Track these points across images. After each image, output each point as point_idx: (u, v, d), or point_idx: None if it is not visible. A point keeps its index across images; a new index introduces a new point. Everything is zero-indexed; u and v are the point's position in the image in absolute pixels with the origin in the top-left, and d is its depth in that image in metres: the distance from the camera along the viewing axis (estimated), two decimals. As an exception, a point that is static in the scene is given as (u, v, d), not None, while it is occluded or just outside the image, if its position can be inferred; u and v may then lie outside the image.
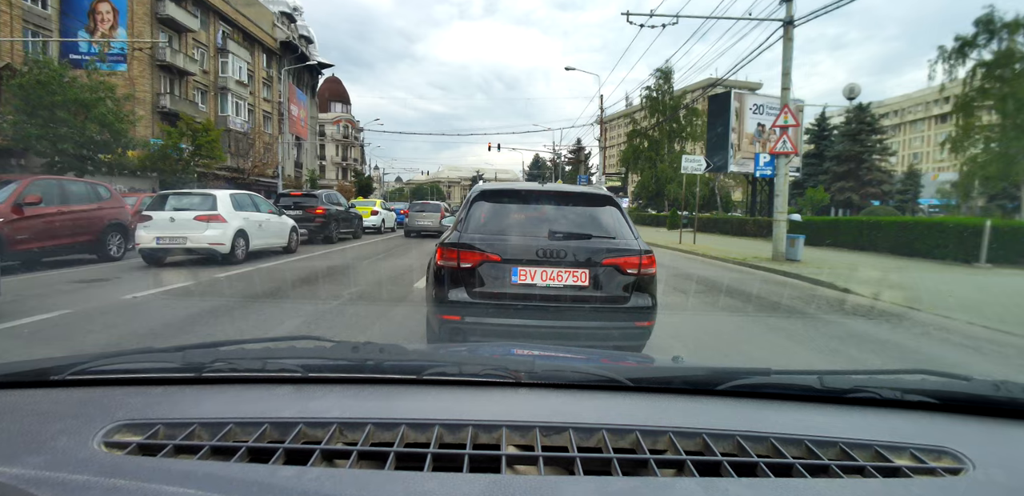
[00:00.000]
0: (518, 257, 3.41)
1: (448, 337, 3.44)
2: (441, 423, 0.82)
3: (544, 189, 3.89)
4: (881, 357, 4.55)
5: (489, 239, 3.46)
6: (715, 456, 0.77)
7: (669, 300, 6.65)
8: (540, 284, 3.40)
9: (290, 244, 11.75)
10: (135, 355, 1.09)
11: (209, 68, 34.04)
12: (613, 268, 3.44)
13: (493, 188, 3.95)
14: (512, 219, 3.68)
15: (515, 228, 3.59)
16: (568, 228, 3.53)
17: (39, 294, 6.35)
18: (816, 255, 13.44)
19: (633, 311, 3.45)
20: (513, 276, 3.39)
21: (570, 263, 3.41)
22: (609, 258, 3.44)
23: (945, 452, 0.80)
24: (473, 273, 3.40)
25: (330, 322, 5.14)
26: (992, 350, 4.99)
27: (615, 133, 78.05)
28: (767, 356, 4.47)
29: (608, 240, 3.52)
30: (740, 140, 25.94)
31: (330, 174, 67.19)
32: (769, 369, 1.02)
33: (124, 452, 0.74)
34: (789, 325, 5.80)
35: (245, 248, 9.73)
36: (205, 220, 9.07)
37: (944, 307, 6.93)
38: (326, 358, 1.07)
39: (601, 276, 3.43)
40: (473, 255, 3.40)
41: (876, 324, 6.03)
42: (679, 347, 4.59)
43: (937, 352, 4.84)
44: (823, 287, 8.77)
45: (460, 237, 3.47)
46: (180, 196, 9.67)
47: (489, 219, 3.65)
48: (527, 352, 1.35)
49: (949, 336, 5.51)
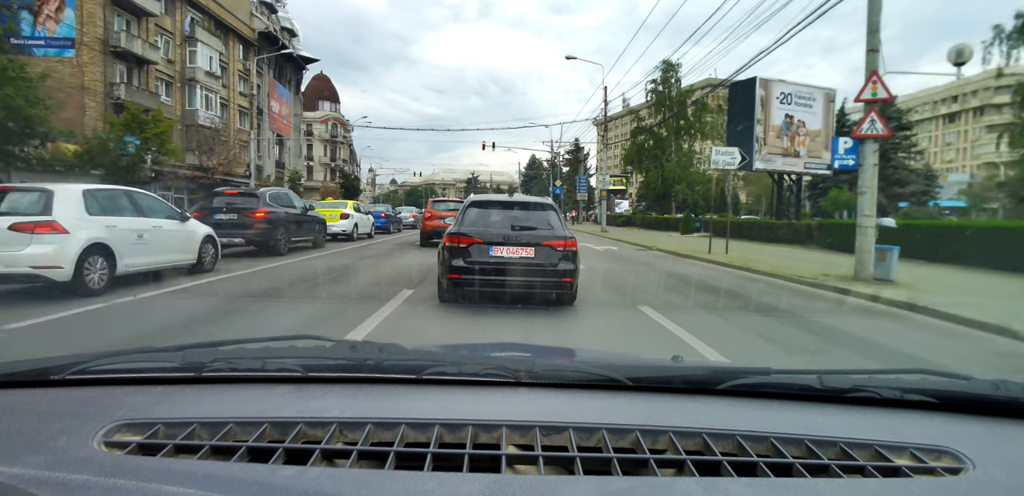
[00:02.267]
0: (493, 240, 5.89)
1: (451, 288, 6.01)
2: (441, 423, 0.83)
3: (510, 200, 6.60)
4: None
5: (476, 229, 5.99)
6: (715, 456, 0.78)
7: (757, 356, 4.54)
8: (505, 256, 5.85)
9: (202, 260, 8.51)
10: (135, 355, 1.09)
11: (175, 57, 31.03)
12: (549, 247, 5.87)
13: (479, 199, 6.73)
14: (490, 218, 6.23)
15: (491, 223, 6.14)
16: (522, 223, 6.07)
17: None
18: (911, 273, 10.11)
19: (560, 272, 5.83)
20: (490, 251, 5.87)
21: (523, 244, 5.88)
22: (546, 241, 5.89)
23: (945, 452, 0.81)
24: (467, 249, 5.85)
25: None
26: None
27: (615, 132, 75.17)
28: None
29: (546, 230, 6.04)
30: (766, 133, 22.88)
31: (318, 175, 64.25)
32: (769, 369, 1.03)
33: (124, 452, 0.75)
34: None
35: (108, 272, 6.52)
36: (28, 230, 5.79)
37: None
38: (326, 358, 1.08)
39: (541, 251, 5.86)
40: (466, 239, 5.88)
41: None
42: None
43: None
44: (984, 331, 5.79)
45: (459, 228, 6.01)
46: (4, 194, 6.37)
47: (476, 218, 6.22)
48: (526, 354, 1.37)
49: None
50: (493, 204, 6.44)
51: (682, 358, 1.27)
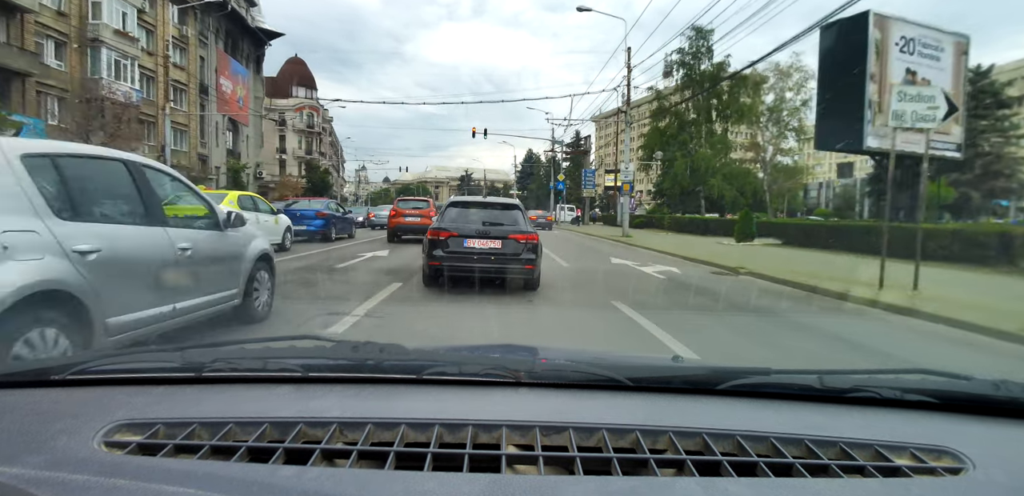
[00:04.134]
0: (467, 234, 6.91)
1: (432, 274, 7.04)
2: (441, 423, 0.83)
3: (484, 201, 7.74)
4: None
5: (454, 225, 7.04)
6: (715, 456, 0.77)
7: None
8: (477, 247, 6.87)
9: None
10: (135, 355, 1.10)
11: (70, 9, 23.31)
12: (513, 240, 6.88)
13: (458, 199, 7.79)
14: (467, 215, 7.26)
15: (467, 220, 7.16)
16: (492, 220, 7.12)
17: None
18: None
19: (523, 260, 6.84)
20: (464, 243, 6.88)
21: (492, 237, 6.89)
22: (511, 234, 6.91)
23: (945, 452, 0.80)
24: (446, 241, 6.87)
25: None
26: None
27: (612, 131, 67.40)
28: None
29: (512, 226, 7.07)
30: (883, 96, 15.54)
31: (292, 168, 57.27)
32: (769, 369, 1.02)
33: (124, 452, 0.75)
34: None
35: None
36: None
37: None
38: (326, 358, 1.08)
39: (507, 243, 6.88)
40: (445, 233, 6.90)
41: None
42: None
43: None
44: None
45: (440, 224, 7.10)
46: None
47: (455, 215, 7.26)
48: (526, 355, 1.35)
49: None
50: (470, 204, 7.62)
51: (682, 358, 1.28)
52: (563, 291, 7.65)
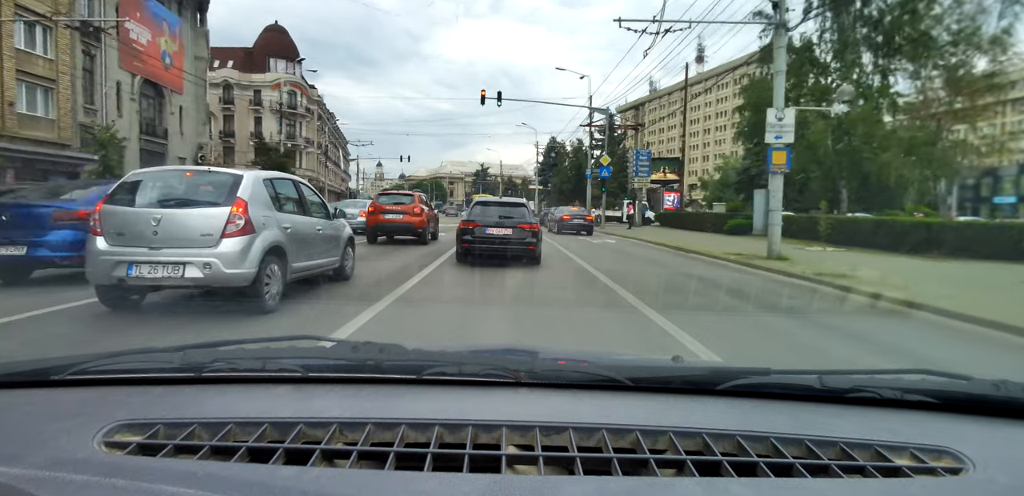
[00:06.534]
0: (488, 224, 10.17)
1: (463, 252, 10.22)
2: (441, 423, 0.82)
3: (500, 200, 12.02)
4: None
5: (479, 218, 10.31)
6: (715, 456, 0.77)
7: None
8: (495, 233, 10.04)
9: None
10: (135, 355, 1.08)
11: None
12: (521, 228, 10.11)
13: (481, 200, 12.22)
14: (487, 211, 10.56)
15: (487, 214, 10.44)
16: (505, 214, 10.41)
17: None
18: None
19: (527, 243, 10.02)
20: (485, 230, 10.09)
21: (505, 226, 10.11)
22: (519, 224, 10.17)
23: (945, 452, 0.80)
24: (473, 230, 10.09)
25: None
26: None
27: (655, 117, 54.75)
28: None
29: (520, 219, 10.31)
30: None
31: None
32: (769, 369, 1.01)
33: (124, 452, 0.74)
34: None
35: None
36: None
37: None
38: (326, 358, 1.07)
39: (515, 230, 10.07)
40: (473, 223, 10.17)
41: None
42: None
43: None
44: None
45: (468, 217, 10.50)
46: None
47: (479, 211, 10.57)
48: (526, 355, 1.34)
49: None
50: (489, 203, 11.28)
51: (682, 358, 1.25)
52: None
